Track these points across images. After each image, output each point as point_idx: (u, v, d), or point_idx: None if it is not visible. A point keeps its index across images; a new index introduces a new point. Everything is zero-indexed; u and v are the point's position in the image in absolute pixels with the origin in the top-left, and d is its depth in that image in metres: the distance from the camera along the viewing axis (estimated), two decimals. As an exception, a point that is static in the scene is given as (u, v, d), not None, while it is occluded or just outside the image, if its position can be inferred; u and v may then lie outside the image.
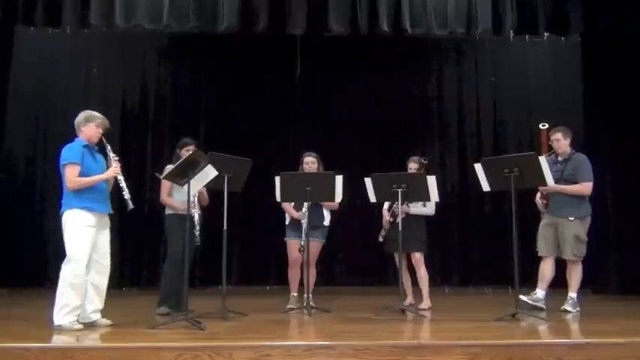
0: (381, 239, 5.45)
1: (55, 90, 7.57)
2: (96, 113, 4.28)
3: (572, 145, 5.16)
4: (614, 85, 6.81)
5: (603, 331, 3.94)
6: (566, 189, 4.91)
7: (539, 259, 5.12)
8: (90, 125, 4.18)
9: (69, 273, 3.95)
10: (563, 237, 4.96)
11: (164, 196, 5.00)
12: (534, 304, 4.90)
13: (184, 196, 4.63)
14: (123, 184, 4.15)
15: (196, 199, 4.94)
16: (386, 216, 5.40)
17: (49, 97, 7.56)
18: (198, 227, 4.91)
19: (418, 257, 5.32)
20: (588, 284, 6.61)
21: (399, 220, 5.01)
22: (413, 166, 5.41)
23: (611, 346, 3.38)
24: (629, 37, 6.56)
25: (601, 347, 3.36)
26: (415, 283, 5.45)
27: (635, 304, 5.59)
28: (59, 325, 3.88)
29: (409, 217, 5.28)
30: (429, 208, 5.35)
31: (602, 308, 5.50)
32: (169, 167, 4.88)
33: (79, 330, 3.87)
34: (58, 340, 3.55)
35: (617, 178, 6.82)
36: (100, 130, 4.22)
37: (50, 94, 7.56)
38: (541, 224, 5.16)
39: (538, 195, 5.16)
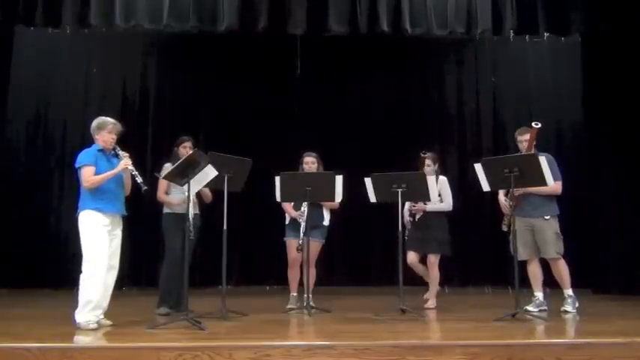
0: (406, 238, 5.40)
1: (55, 90, 7.58)
2: (108, 119, 4.35)
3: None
4: (614, 85, 6.81)
5: (603, 331, 3.94)
6: (540, 189, 4.75)
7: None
8: (102, 133, 4.29)
9: (89, 272, 4.05)
10: (544, 236, 4.87)
11: (161, 194, 5.00)
12: (540, 308, 4.88)
13: (181, 194, 4.65)
14: (135, 172, 4.25)
15: (193, 197, 4.92)
16: (406, 216, 5.41)
17: (49, 97, 7.56)
18: (191, 223, 4.75)
19: (433, 260, 5.33)
20: (588, 284, 6.63)
21: (417, 218, 5.16)
22: (429, 162, 5.40)
23: (611, 346, 3.38)
24: (629, 37, 6.56)
25: (601, 347, 3.36)
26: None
27: (634, 304, 5.59)
28: (79, 323, 3.98)
29: (428, 216, 5.28)
30: (445, 203, 5.37)
31: (601, 308, 5.49)
32: (167, 166, 4.92)
33: (93, 330, 3.92)
34: (58, 340, 3.54)
35: (618, 178, 6.82)
36: (113, 136, 4.32)
37: (50, 94, 7.57)
38: (516, 229, 4.78)
39: (502, 196, 5.03)
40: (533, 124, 4.88)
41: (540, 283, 5.02)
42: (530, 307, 4.83)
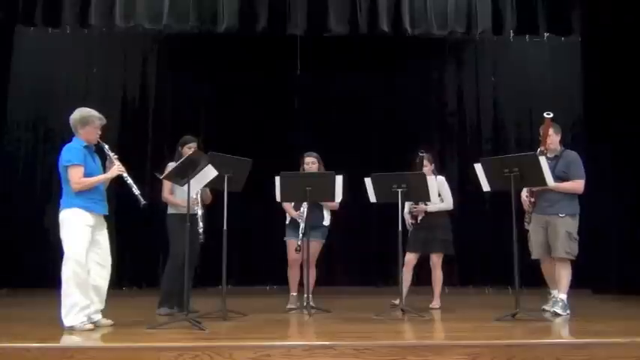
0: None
1: (55, 90, 7.58)
2: (93, 113, 4.14)
3: (564, 142, 5.03)
4: (613, 85, 6.81)
5: (603, 331, 3.93)
6: (560, 186, 4.74)
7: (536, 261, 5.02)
8: (87, 128, 4.08)
9: (70, 272, 3.90)
10: (555, 234, 4.78)
11: (166, 194, 4.96)
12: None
13: (186, 194, 4.63)
14: (130, 181, 4.11)
15: (199, 196, 4.92)
16: (408, 219, 5.41)
17: (49, 97, 7.56)
18: (201, 224, 4.88)
19: (436, 260, 5.33)
20: (588, 284, 6.63)
21: (419, 220, 5.22)
22: (426, 162, 5.42)
23: (611, 346, 3.37)
24: (629, 36, 6.56)
25: (601, 347, 3.35)
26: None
27: (634, 304, 5.59)
28: (71, 327, 3.85)
29: (431, 216, 5.28)
30: (445, 203, 5.38)
31: (602, 308, 5.49)
32: (171, 165, 4.86)
33: (90, 330, 3.86)
34: (58, 340, 3.54)
35: (617, 178, 6.82)
36: (99, 131, 4.13)
37: (50, 94, 7.57)
38: (530, 227, 4.97)
39: (524, 193, 4.97)
40: (545, 114, 4.76)
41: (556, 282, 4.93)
42: (546, 307, 4.81)
